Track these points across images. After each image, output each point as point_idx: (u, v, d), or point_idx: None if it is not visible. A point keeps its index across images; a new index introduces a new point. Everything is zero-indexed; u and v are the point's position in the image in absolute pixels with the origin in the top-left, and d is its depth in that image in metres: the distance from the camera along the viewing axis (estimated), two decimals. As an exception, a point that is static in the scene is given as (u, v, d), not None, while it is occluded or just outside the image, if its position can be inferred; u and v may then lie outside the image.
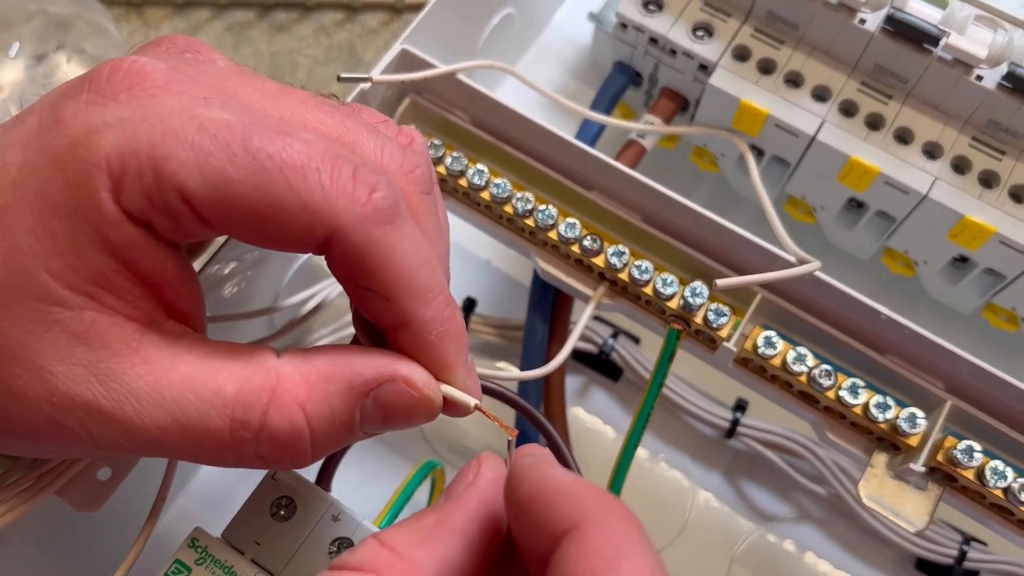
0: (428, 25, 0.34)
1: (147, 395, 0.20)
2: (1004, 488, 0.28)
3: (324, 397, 0.20)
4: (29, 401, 0.20)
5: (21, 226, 0.19)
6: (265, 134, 0.19)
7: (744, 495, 0.37)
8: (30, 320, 0.19)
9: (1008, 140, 0.33)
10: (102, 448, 0.20)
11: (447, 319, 0.21)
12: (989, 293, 0.35)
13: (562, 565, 0.16)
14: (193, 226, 0.20)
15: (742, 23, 0.35)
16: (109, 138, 0.19)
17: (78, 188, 0.19)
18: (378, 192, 0.19)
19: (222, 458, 0.20)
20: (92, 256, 0.19)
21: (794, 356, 0.29)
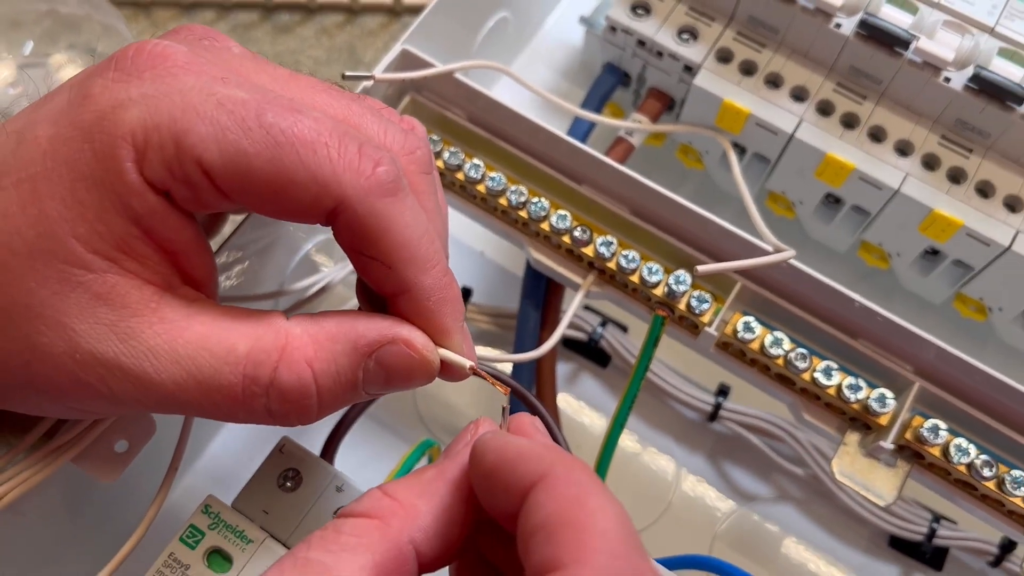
0: (427, 27, 0.36)
1: (164, 352, 0.21)
2: (967, 464, 0.30)
3: (330, 356, 0.22)
4: (53, 358, 0.21)
5: (51, 194, 0.21)
6: (278, 111, 0.20)
7: (726, 476, 0.39)
8: (56, 281, 0.21)
9: (975, 139, 0.35)
10: (121, 404, 0.22)
11: (444, 287, 0.22)
12: (958, 284, 0.37)
13: (533, 511, 0.18)
14: (211, 196, 0.21)
15: (725, 27, 0.37)
16: (133, 112, 0.20)
17: (104, 159, 0.20)
18: (382, 166, 0.21)
19: (234, 413, 0.22)
20: (116, 223, 0.21)
21: (771, 340, 0.31)
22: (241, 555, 0.26)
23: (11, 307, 0.21)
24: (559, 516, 0.17)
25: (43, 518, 0.30)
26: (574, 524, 0.17)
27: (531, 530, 0.17)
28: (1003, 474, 0.30)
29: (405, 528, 0.19)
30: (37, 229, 0.21)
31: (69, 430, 0.27)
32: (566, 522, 0.17)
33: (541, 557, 0.17)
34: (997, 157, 0.35)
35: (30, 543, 0.31)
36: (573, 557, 0.16)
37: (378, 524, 0.19)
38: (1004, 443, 0.30)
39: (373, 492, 0.20)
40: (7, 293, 0.21)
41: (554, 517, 0.17)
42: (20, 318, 0.21)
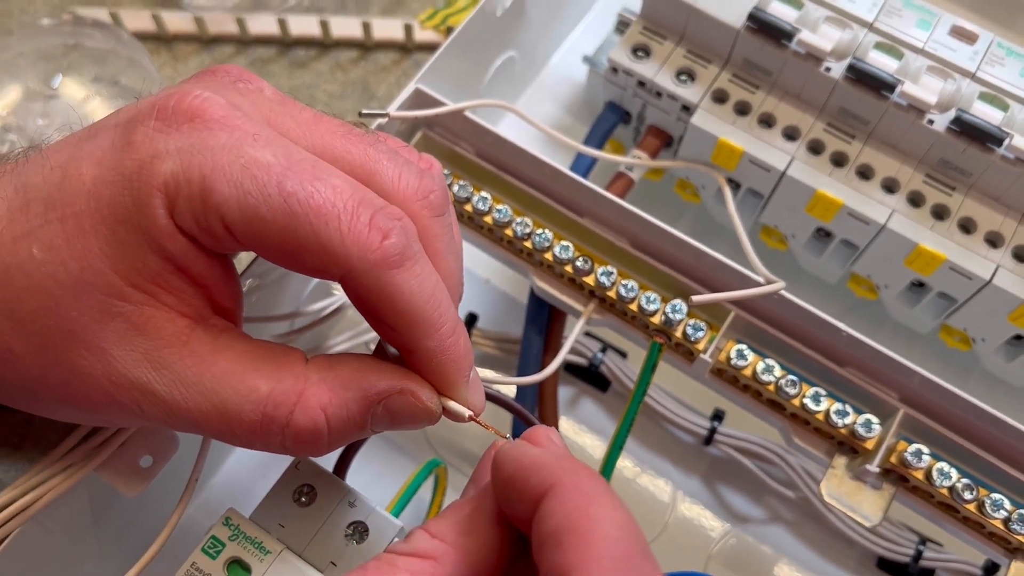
0: (439, 67, 0.38)
1: (192, 383, 0.23)
2: (949, 487, 0.31)
3: (343, 402, 0.23)
4: (91, 379, 0.23)
5: (94, 232, 0.22)
6: (297, 180, 0.22)
7: (721, 498, 0.40)
8: (97, 311, 0.23)
9: (958, 177, 0.37)
10: (149, 421, 0.24)
11: (449, 348, 0.24)
12: (943, 315, 0.39)
13: (544, 519, 0.19)
14: (232, 246, 0.23)
15: (721, 69, 0.39)
16: (169, 165, 0.22)
17: (141, 205, 0.22)
18: (389, 239, 0.22)
19: (251, 443, 0.24)
20: (152, 261, 0.23)
21: (763, 367, 0.33)
22: (259, 565, 0.27)
23: (54, 332, 0.23)
24: (566, 523, 0.19)
25: (68, 529, 0.32)
26: (579, 531, 0.18)
27: (542, 537, 0.19)
28: (983, 497, 0.31)
29: (458, 567, 0.21)
30: (81, 263, 0.22)
31: (92, 439, 0.29)
32: (571, 529, 0.19)
33: (551, 563, 0.18)
34: (978, 195, 0.36)
35: (55, 554, 0.32)
36: (578, 563, 0.18)
37: (432, 564, 0.21)
38: (984, 468, 0.32)
39: (420, 533, 0.22)
40: (51, 319, 0.23)
41: (562, 524, 0.19)
42: (62, 342, 0.23)
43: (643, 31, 0.40)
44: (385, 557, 0.21)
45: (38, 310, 0.23)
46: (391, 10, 0.53)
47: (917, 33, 0.37)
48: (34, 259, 0.22)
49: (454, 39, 0.39)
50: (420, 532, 0.22)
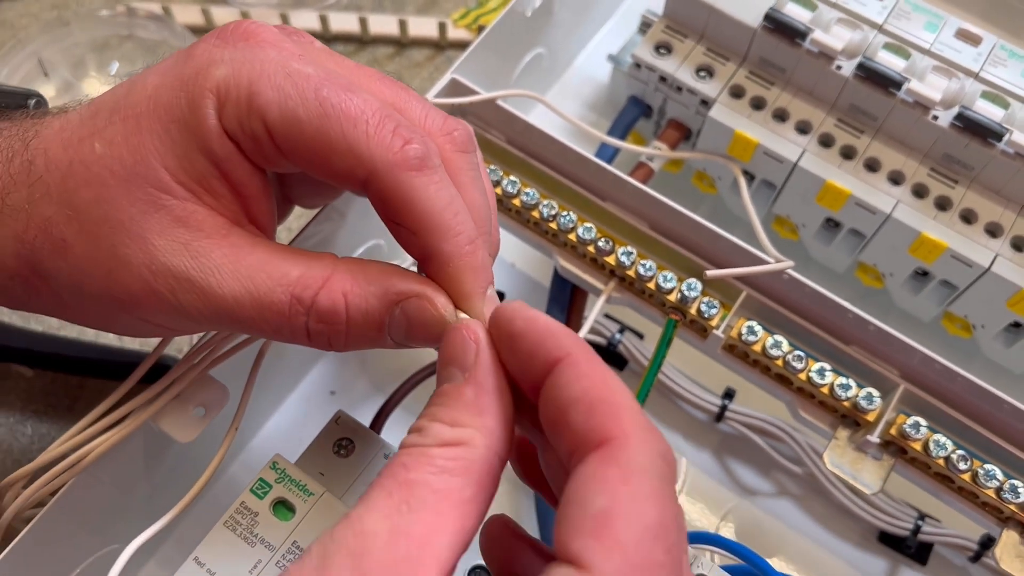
0: (472, 60, 0.41)
1: (228, 270, 0.25)
2: (945, 458, 0.33)
3: (364, 294, 0.25)
4: (132, 267, 0.25)
5: (150, 130, 0.25)
6: (333, 88, 0.24)
7: (730, 472, 0.42)
8: (144, 202, 0.25)
9: (960, 171, 0.39)
10: (184, 316, 0.25)
11: (465, 255, 0.25)
12: (945, 302, 0.41)
13: (561, 385, 0.21)
14: (270, 150, 0.25)
15: (739, 66, 0.41)
16: (221, 70, 0.25)
17: (194, 106, 0.25)
18: (411, 144, 0.24)
19: (279, 328, 0.25)
20: (199, 161, 0.25)
21: (772, 343, 0.35)
22: (303, 506, 0.30)
23: (104, 221, 0.25)
24: (596, 393, 0.20)
25: (119, 480, 0.34)
26: (610, 402, 0.20)
27: (566, 403, 0.21)
28: (977, 468, 0.33)
29: (491, 446, 0.22)
30: (135, 157, 0.25)
31: (148, 392, 0.31)
32: (602, 400, 0.20)
33: (585, 428, 0.20)
34: (980, 188, 0.38)
35: (103, 507, 0.35)
36: (618, 430, 0.20)
37: (467, 450, 0.21)
38: (979, 441, 0.34)
39: (436, 425, 0.22)
40: (103, 208, 0.25)
41: (592, 394, 0.20)
42: (110, 231, 0.25)
43: (665, 30, 0.42)
44: (416, 451, 0.22)
45: (93, 200, 0.25)
46: (425, 9, 0.55)
47: (924, 35, 0.39)
48: (95, 154, 0.25)
49: (487, 34, 0.41)
50: (436, 425, 0.22)
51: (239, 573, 0.29)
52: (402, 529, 0.20)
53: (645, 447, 0.20)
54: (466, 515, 0.21)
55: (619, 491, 0.19)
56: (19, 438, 0.43)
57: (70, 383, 0.44)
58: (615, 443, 0.20)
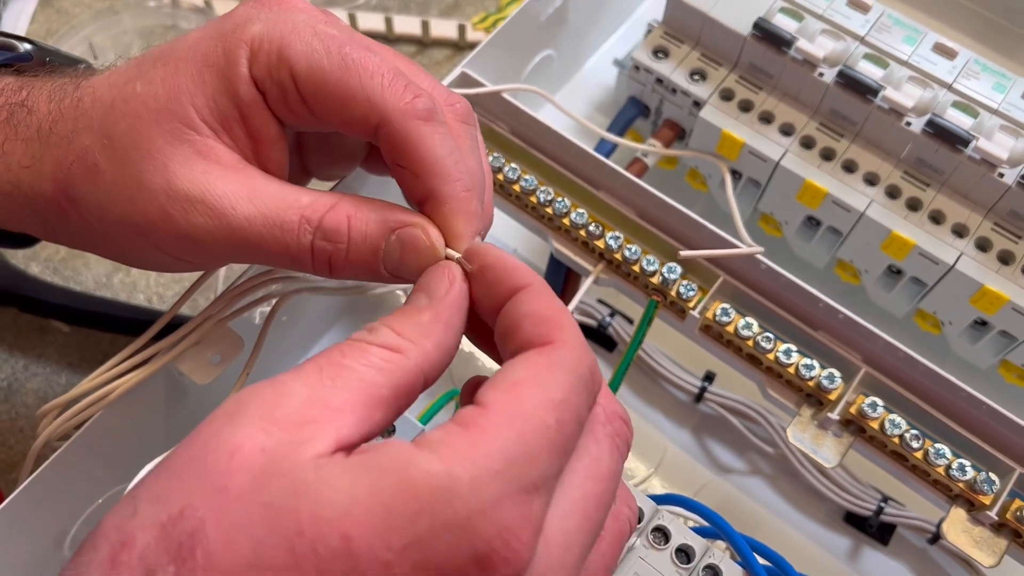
0: (483, 56, 0.44)
1: (243, 195, 0.28)
2: (899, 436, 0.36)
3: (365, 219, 0.28)
4: (151, 192, 0.28)
5: (186, 72, 0.28)
6: (355, 47, 0.28)
7: (707, 450, 0.45)
8: (171, 135, 0.28)
9: (932, 175, 0.41)
10: (198, 243, 0.28)
11: (462, 200, 0.28)
12: (916, 300, 0.43)
13: (522, 304, 0.24)
14: (294, 100, 0.28)
15: (730, 71, 0.44)
16: (257, 27, 0.28)
17: (228, 54, 0.28)
18: (420, 98, 0.28)
19: (288, 247, 0.28)
20: (225, 104, 0.28)
21: (743, 324, 0.38)
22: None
23: (133, 147, 0.28)
24: (546, 312, 0.24)
25: (140, 419, 0.38)
26: (557, 319, 0.24)
27: (520, 317, 0.24)
28: (928, 447, 0.36)
29: (421, 364, 0.24)
30: (168, 94, 0.28)
31: (170, 337, 0.35)
32: (550, 317, 0.24)
33: (531, 334, 0.23)
34: (949, 191, 0.41)
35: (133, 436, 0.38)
36: (558, 337, 0.23)
37: (401, 357, 0.24)
38: (932, 423, 0.36)
39: (385, 329, 0.24)
40: (134, 138, 0.28)
41: (543, 312, 0.24)
42: (137, 157, 0.28)
43: (664, 35, 0.45)
44: (357, 345, 0.23)
45: (127, 130, 0.28)
46: (448, 12, 0.59)
47: (903, 47, 0.42)
48: (135, 92, 0.28)
49: (497, 34, 0.45)
50: (384, 329, 0.24)
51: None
52: (320, 397, 0.22)
53: (576, 353, 0.23)
54: (374, 410, 0.23)
55: (540, 371, 0.23)
56: (54, 387, 0.47)
57: (103, 340, 0.48)
58: (553, 345, 0.23)
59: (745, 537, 0.34)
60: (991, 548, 0.35)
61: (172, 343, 0.35)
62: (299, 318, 0.45)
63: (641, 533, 0.33)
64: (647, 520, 0.33)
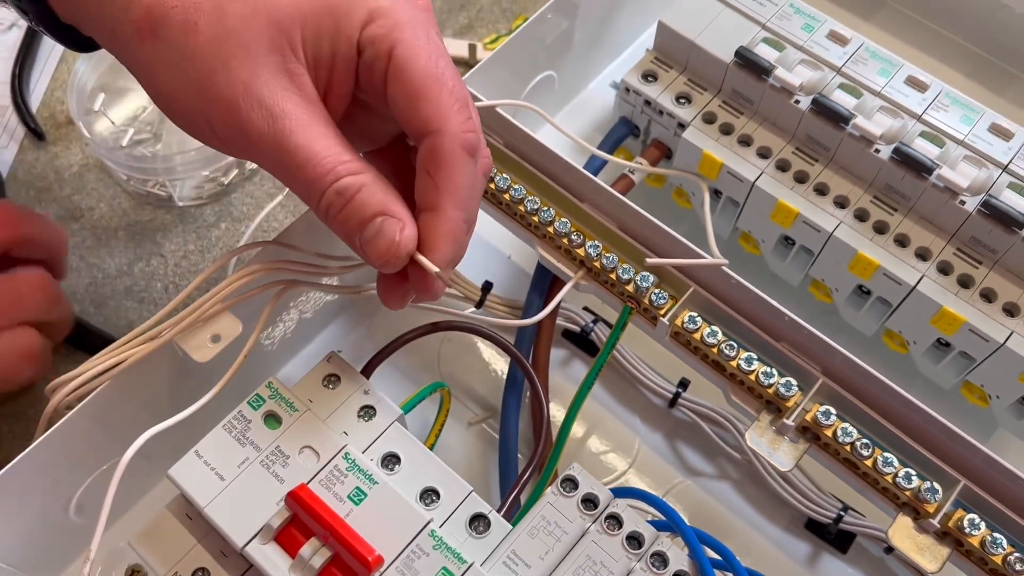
0: (484, 72, 0.47)
1: (304, 124, 0.31)
2: (850, 444, 0.38)
3: (372, 193, 0.32)
4: (232, 77, 0.31)
5: (311, 5, 0.31)
6: (448, 64, 0.32)
7: (678, 453, 0.47)
8: (273, 44, 0.31)
9: (899, 201, 0.44)
10: (244, 135, 0.31)
11: (458, 227, 0.33)
12: (882, 319, 0.45)
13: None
14: (378, 74, 0.32)
15: (713, 96, 0.47)
16: (384, 2, 0.32)
17: (350, 12, 0.32)
18: (472, 133, 0.32)
19: (311, 182, 0.31)
20: (326, 49, 0.32)
21: (708, 332, 0.40)
22: (288, 419, 0.36)
23: (235, 33, 0.31)
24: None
25: (144, 394, 0.41)
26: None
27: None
28: (877, 456, 0.38)
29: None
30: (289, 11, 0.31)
31: (174, 318, 0.38)
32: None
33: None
34: (915, 216, 0.43)
35: (137, 409, 0.41)
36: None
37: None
38: (883, 433, 0.38)
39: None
40: (240, 25, 0.31)
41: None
42: (236, 44, 0.31)
43: (653, 60, 0.48)
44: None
45: (240, 15, 0.31)
46: (462, 32, 0.62)
47: (878, 79, 0.44)
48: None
49: (499, 51, 0.48)
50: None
51: (229, 466, 0.35)
52: None
53: None
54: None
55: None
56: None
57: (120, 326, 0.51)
58: None
59: (695, 529, 0.36)
60: (934, 555, 0.37)
61: (176, 321, 0.38)
62: (300, 311, 0.48)
63: (596, 519, 0.36)
64: (602, 507, 0.36)
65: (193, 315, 0.38)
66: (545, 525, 0.35)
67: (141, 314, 0.51)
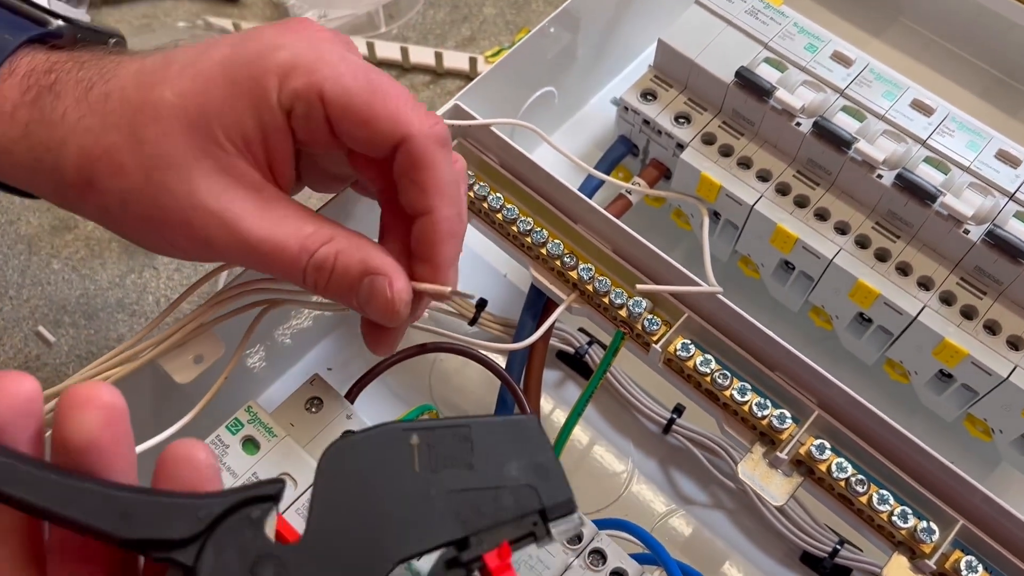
0: (482, 87, 0.46)
1: (257, 216, 0.31)
2: (844, 479, 0.37)
3: (350, 258, 0.32)
4: (175, 198, 0.31)
5: (215, 92, 0.31)
6: (378, 74, 0.32)
7: (671, 480, 0.46)
8: (198, 149, 0.31)
9: (902, 227, 0.42)
10: (209, 248, 0.31)
11: (456, 223, 0.33)
12: (883, 348, 0.44)
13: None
14: (318, 122, 0.31)
15: (713, 116, 0.46)
16: (285, 54, 0.31)
17: (258, 82, 0.31)
18: (439, 125, 0.32)
19: (287, 267, 0.32)
20: (250, 127, 0.31)
21: (702, 360, 0.39)
22: (267, 444, 0.36)
23: (161, 155, 0.31)
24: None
25: (132, 411, 0.40)
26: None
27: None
28: (873, 492, 0.37)
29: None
30: (199, 112, 0.31)
31: (157, 336, 0.37)
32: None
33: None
34: (918, 244, 0.42)
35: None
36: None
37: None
38: (880, 469, 0.37)
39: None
40: (162, 145, 0.31)
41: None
42: (164, 165, 0.31)
43: (653, 79, 0.47)
44: None
45: (156, 137, 0.31)
46: (464, 45, 0.62)
47: (882, 102, 0.43)
48: (166, 100, 0.31)
49: (496, 67, 0.47)
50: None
51: (205, 491, 0.34)
52: None
53: None
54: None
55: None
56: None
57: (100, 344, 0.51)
58: None
59: (680, 563, 0.35)
60: (930, 597, 0.36)
61: (157, 341, 0.37)
62: (289, 328, 0.47)
63: (579, 554, 0.35)
64: (586, 541, 0.35)
65: (175, 335, 0.37)
66: (526, 559, 0.34)
67: (132, 327, 0.51)
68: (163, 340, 0.37)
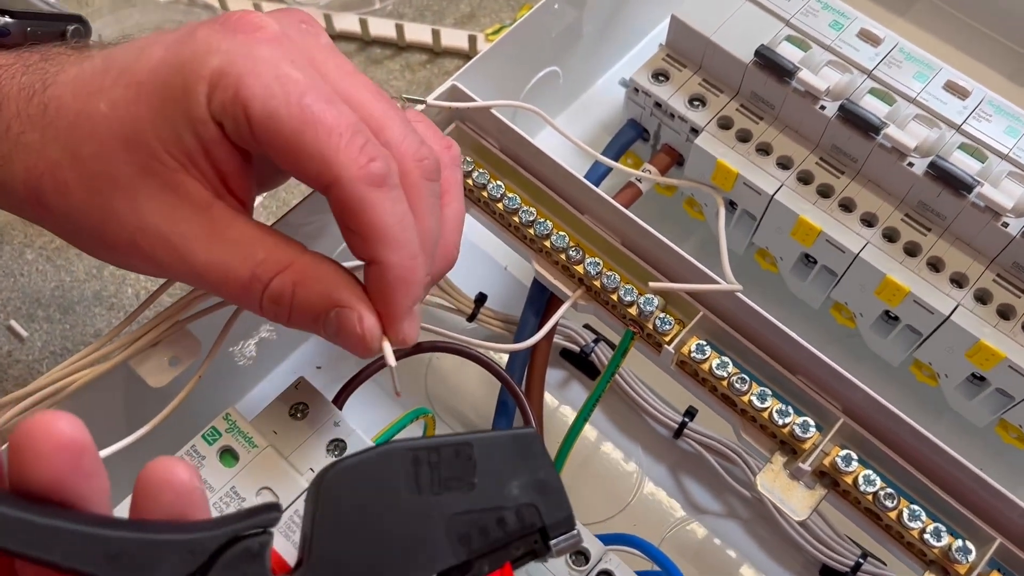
0: (481, 67, 0.43)
1: (204, 241, 0.28)
2: (873, 494, 0.34)
3: (309, 292, 0.28)
4: (120, 221, 0.28)
5: (148, 103, 0.28)
6: (316, 97, 0.27)
7: (683, 488, 0.43)
8: (139, 166, 0.28)
9: (933, 219, 0.39)
10: (159, 269, 0.29)
11: (406, 269, 0.28)
12: (911, 348, 0.41)
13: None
14: (248, 137, 0.28)
15: (730, 99, 0.43)
16: (216, 60, 0.27)
17: (187, 90, 0.27)
18: (375, 162, 0.27)
19: (239, 297, 0.29)
20: (188, 139, 0.28)
21: (718, 363, 0.36)
22: (247, 455, 0.33)
23: (101, 174, 0.28)
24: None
25: (104, 415, 0.38)
26: None
27: None
28: (903, 507, 0.34)
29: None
30: (133, 124, 0.28)
31: (129, 336, 0.34)
32: None
33: None
34: (951, 238, 0.39)
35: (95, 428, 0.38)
36: None
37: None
38: (911, 482, 0.34)
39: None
40: (102, 164, 0.28)
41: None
42: (106, 184, 0.28)
43: (665, 58, 0.44)
44: None
45: (94, 154, 0.28)
46: (463, 22, 0.58)
47: (913, 84, 0.40)
48: (100, 112, 0.28)
49: (497, 45, 0.44)
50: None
51: (179, 507, 0.31)
52: None
53: None
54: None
55: None
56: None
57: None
58: None
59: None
60: (964, 620, 0.33)
61: (129, 342, 0.35)
62: (275, 325, 0.44)
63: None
64: (594, 562, 0.32)
65: (149, 334, 0.34)
66: (530, 582, 0.31)
67: (110, 321, 0.48)
68: (135, 340, 0.34)
